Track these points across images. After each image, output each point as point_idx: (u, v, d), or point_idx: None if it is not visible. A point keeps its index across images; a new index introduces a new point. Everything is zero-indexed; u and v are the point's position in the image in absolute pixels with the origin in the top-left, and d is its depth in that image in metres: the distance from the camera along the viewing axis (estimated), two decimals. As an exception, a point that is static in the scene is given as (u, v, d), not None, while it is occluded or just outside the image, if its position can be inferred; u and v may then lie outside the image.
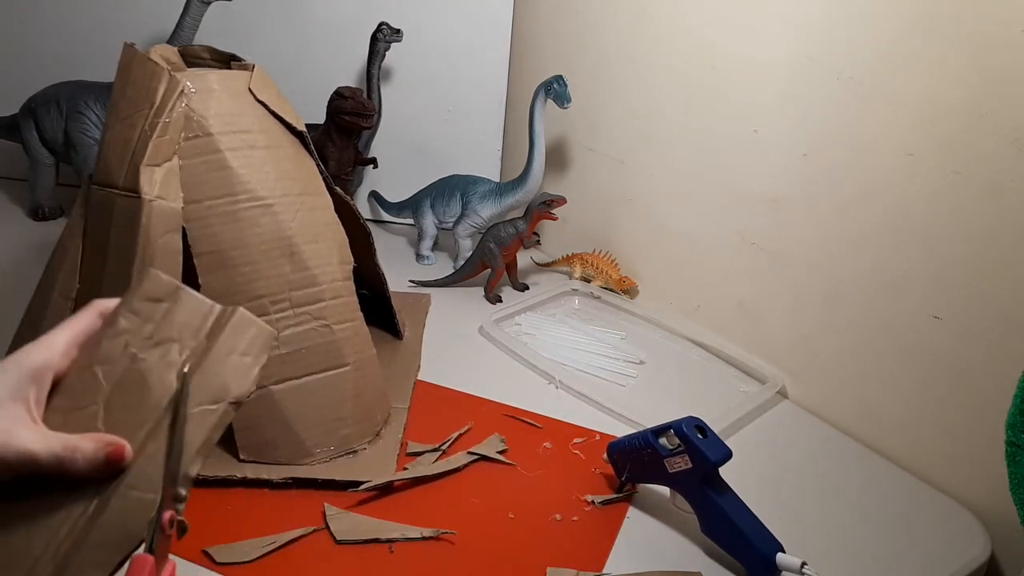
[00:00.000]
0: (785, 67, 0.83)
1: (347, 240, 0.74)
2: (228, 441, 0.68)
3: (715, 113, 0.92)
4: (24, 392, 0.43)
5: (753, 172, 0.89)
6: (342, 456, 0.70)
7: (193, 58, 0.75)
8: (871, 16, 0.74)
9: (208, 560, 0.59)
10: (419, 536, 0.62)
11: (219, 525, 0.62)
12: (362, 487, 0.66)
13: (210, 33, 1.05)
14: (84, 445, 0.42)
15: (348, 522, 0.63)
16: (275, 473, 0.67)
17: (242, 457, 0.68)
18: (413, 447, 0.73)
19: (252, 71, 0.70)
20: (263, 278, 0.67)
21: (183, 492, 0.42)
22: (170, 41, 1.07)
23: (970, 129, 0.69)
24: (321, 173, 0.75)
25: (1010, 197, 0.67)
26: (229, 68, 0.74)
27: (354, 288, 0.73)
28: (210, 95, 0.66)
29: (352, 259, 0.74)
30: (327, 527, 0.63)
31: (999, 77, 0.66)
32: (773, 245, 0.88)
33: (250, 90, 0.69)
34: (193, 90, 0.65)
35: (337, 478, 0.67)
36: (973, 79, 0.68)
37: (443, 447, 0.73)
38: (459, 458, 0.71)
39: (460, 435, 0.75)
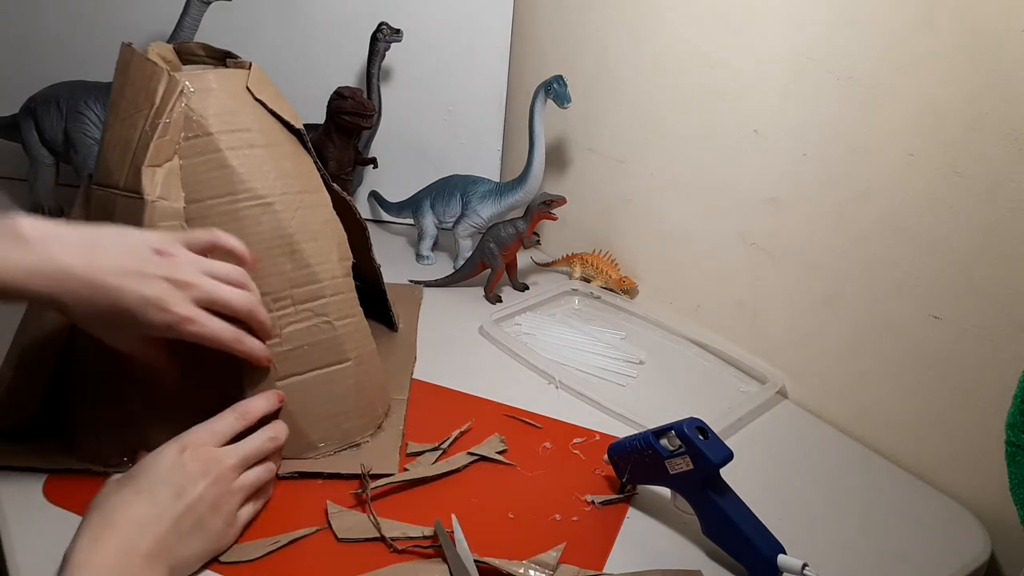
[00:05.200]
0: (785, 67, 0.83)
1: (346, 236, 0.75)
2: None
3: (715, 113, 0.92)
4: None
5: (753, 172, 0.89)
6: (345, 450, 0.71)
7: (188, 55, 0.75)
8: (871, 16, 0.74)
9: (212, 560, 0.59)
10: (420, 535, 0.62)
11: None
12: (368, 488, 0.65)
13: (210, 33, 1.05)
14: None
15: (350, 520, 0.63)
16: (281, 468, 0.67)
17: None
18: (413, 447, 0.73)
19: (250, 69, 0.70)
20: (265, 276, 0.67)
21: None
22: (170, 41, 1.07)
23: (970, 129, 0.69)
24: (319, 170, 0.75)
25: (1010, 197, 0.67)
26: (224, 65, 0.74)
27: (353, 284, 0.74)
28: (209, 94, 0.66)
29: (351, 255, 0.74)
30: (329, 525, 0.63)
31: (999, 77, 0.66)
32: (773, 245, 0.88)
33: (248, 89, 0.69)
34: (192, 90, 0.65)
35: (341, 471, 0.68)
36: (973, 79, 0.68)
37: (443, 446, 0.73)
38: (459, 458, 0.71)
39: (460, 434, 0.75)
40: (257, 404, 0.64)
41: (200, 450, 0.58)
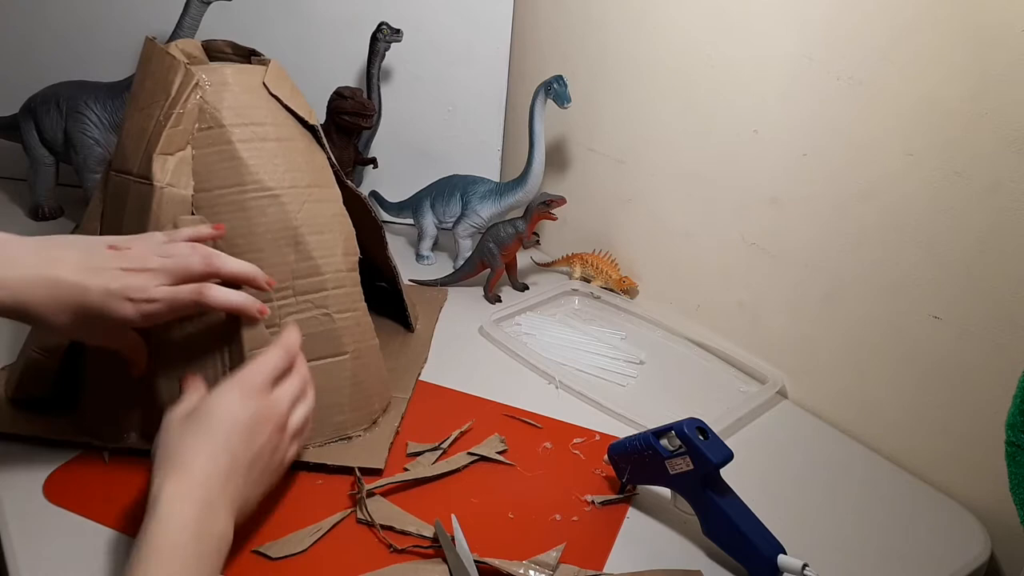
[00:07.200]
0: (785, 67, 0.83)
1: (354, 232, 0.75)
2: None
3: (715, 113, 0.92)
4: None
5: (753, 172, 0.89)
6: (335, 442, 0.71)
7: (216, 52, 0.77)
8: (871, 16, 0.74)
9: (261, 557, 0.59)
10: (419, 534, 0.62)
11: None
12: (363, 489, 0.66)
13: (210, 33, 1.04)
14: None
15: (373, 505, 0.64)
16: None
17: None
18: (413, 447, 0.73)
19: (268, 66, 0.72)
20: (268, 266, 0.68)
21: None
22: (169, 41, 1.07)
23: (970, 129, 0.69)
24: (332, 167, 0.76)
25: (1010, 197, 0.67)
26: (249, 62, 0.76)
27: (359, 279, 0.74)
28: (224, 88, 0.68)
29: (358, 251, 0.75)
30: (355, 510, 0.64)
31: (999, 77, 0.66)
32: (773, 245, 0.88)
33: (264, 84, 0.71)
34: (208, 83, 0.67)
35: (327, 463, 0.68)
36: (973, 79, 0.68)
37: (443, 446, 0.73)
38: (459, 458, 0.71)
39: (460, 434, 0.75)
40: (295, 337, 0.64)
41: (261, 395, 0.59)
